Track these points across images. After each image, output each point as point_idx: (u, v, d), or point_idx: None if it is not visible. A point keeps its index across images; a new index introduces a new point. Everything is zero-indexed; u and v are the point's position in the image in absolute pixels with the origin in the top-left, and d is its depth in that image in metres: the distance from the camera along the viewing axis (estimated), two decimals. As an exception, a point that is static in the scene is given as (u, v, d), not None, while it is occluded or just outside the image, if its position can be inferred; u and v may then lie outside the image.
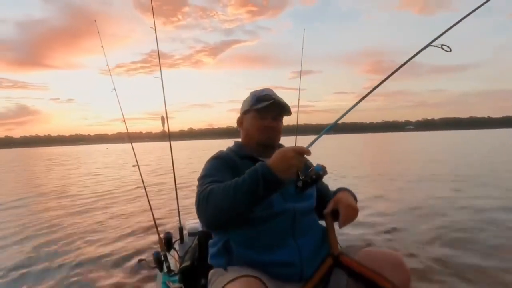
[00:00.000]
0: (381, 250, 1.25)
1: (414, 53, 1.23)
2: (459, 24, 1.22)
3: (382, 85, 1.25)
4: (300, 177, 1.06)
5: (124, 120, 2.77)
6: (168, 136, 2.50)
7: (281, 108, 1.31)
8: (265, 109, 1.28)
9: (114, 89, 2.69)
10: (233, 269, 1.11)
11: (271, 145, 1.32)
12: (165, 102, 2.38)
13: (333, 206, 1.23)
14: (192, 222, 2.33)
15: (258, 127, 1.30)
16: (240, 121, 1.38)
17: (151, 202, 2.69)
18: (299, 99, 2.56)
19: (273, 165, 1.00)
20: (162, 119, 2.38)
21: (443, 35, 1.18)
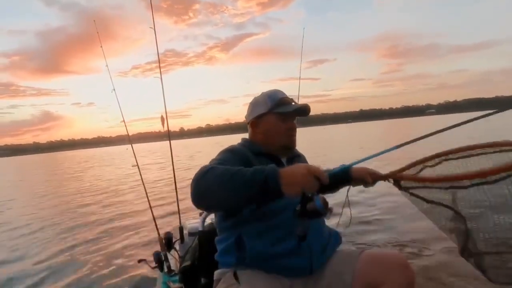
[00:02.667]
0: (385, 251, 1.25)
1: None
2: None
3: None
4: (305, 198, 0.93)
5: (124, 121, 2.77)
6: (168, 136, 2.49)
7: (305, 111, 1.32)
8: (290, 113, 1.30)
9: (114, 89, 2.69)
10: (245, 277, 1.09)
11: (293, 146, 1.35)
12: (164, 101, 2.38)
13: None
14: (193, 222, 2.32)
15: (282, 131, 1.30)
16: (254, 124, 1.33)
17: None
18: (299, 92, 2.57)
19: (282, 173, 0.92)
20: (162, 119, 2.37)
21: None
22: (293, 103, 1.32)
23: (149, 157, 24.73)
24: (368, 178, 1.39)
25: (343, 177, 1.43)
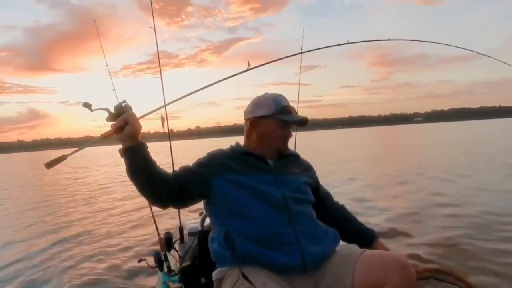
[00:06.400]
0: (385, 252, 1.25)
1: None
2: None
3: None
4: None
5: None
6: (168, 136, 2.49)
7: (304, 123, 1.38)
8: (291, 122, 1.35)
9: (114, 89, 2.69)
10: (250, 274, 1.10)
11: (286, 151, 1.40)
12: (164, 101, 2.37)
13: None
14: (192, 222, 2.33)
15: (280, 136, 1.35)
16: (253, 123, 1.36)
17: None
18: (298, 96, 2.55)
19: None
20: (162, 119, 2.36)
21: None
22: (293, 113, 1.37)
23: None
24: None
25: (360, 240, 1.45)
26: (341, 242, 1.35)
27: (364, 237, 1.44)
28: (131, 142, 1.15)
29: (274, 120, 1.32)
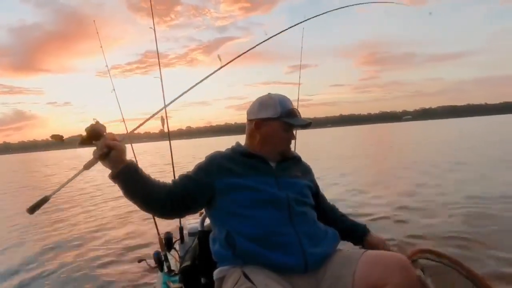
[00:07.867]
0: (386, 252, 1.25)
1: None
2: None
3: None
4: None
5: (124, 121, 2.76)
6: (168, 136, 2.49)
7: (307, 126, 1.38)
8: (296, 126, 1.36)
9: (114, 89, 2.68)
10: (252, 274, 1.10)
11: (288, 153, 1.40)
12: (164, 102, 2.36)
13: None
14: (192, 222, 2.32)
15: (283, 139, 1.35)
16: (258, 124, 1.34)
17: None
18: (298, 96, 2.54)
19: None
20: (162, 119, 2.36)
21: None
22: (298, 116, 1.36)
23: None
24: (381, 247, 1.41)
25: (353, 236, 1.47)
26: (342, 243, 1.35)
27: (357, 232, 1.47)
28: (119, 165, 1.14)
29: (280, 122, 1.31)
